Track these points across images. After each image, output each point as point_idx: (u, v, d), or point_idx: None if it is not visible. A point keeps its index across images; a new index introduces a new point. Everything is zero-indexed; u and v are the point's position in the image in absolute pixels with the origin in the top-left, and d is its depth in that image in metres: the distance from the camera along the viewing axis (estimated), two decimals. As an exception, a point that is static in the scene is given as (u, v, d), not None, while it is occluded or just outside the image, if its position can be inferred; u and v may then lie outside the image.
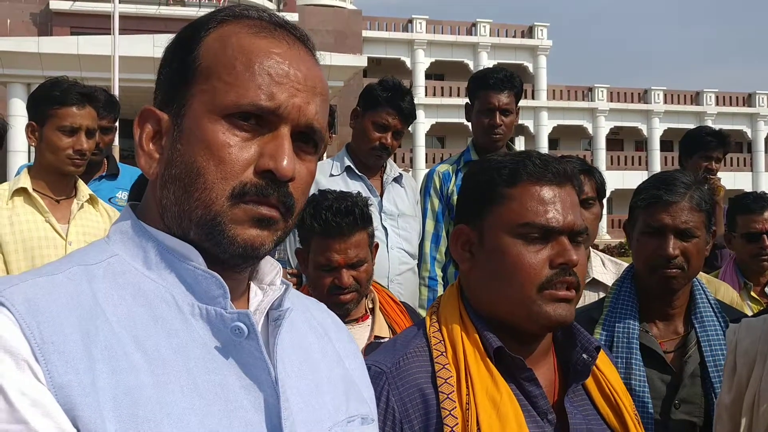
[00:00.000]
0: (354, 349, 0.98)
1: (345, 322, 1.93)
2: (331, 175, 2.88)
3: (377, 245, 2.06)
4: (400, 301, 2.21)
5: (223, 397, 0.74)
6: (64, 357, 0.68)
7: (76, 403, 0.67)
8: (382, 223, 2.87)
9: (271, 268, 0.87)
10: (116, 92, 13.24)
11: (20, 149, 20.56)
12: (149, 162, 0.80)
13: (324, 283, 1.92)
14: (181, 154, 0.77)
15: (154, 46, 18.21)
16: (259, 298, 0.85)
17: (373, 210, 2.82)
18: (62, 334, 0.69)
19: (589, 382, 1.23)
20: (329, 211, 1.88)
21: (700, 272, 2.78)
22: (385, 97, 2.83)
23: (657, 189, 1.74)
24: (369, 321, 2.03)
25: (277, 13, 0.85)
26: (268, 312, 0.84)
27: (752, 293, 3.02)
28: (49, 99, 2.43)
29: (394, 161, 3.12)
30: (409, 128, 3.08)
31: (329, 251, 1.89)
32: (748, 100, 40.16)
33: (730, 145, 3.90)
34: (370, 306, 2.06)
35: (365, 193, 2.85)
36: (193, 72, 0.79)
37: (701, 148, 3.73)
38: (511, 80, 3.03)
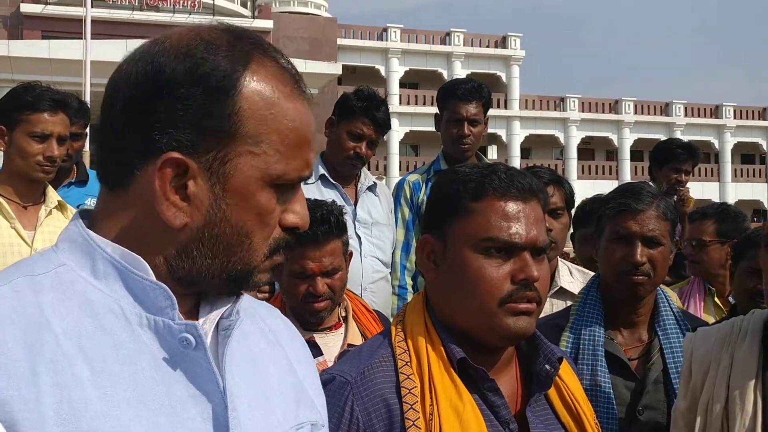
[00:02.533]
0: (306, 355, 0.99)
1: (318, 330, 1.97)
2: (305, 183, 2.88)
3: (351, 253, 2.07)
4: (373, 309, 2.22)
5: (170, 408, 0.74)
6: (6, 372, 0.68)
7: (17, 419, 0.66)
8: (355, 232, 2.87)
9: None
10: (87, 97, 13.08)
11: (-13, 154, 20.19)
12: (175, 212, 0.76)
13: (298, 291, 1.91)
14: (227, 215, 0.78)
15: (127, 51, 17.99)
16: (209, 308, 0.85)
17: (347, 218, 2.84)
18: (4, 348, 0.69)
19: (552, 392, 1.24)
20: None
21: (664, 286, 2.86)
22: (360, 107, 2.83)
23: (625, 198, 1.78)
24: (342, 329, 2.03)
25: (269, 42, 0.85)
26: (218, 321, 0.84)
27: (716, 300, 3.10)
28: (21, 104, 2.39)
29: (368, 169, 3.14)
30: (384, 136, 3.10)
31: (304, 259, 1.89)
32: (716, 111, 40.99)
33: (699, 158, 3.99)
34: (343, 314, 2.06)
35: (339, 201, 2.86)
36: (236, 128, 0.76)
37: (671, 160, 3.81)
38: (480, 91, 3.05)
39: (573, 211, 2.62)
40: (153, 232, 0.78)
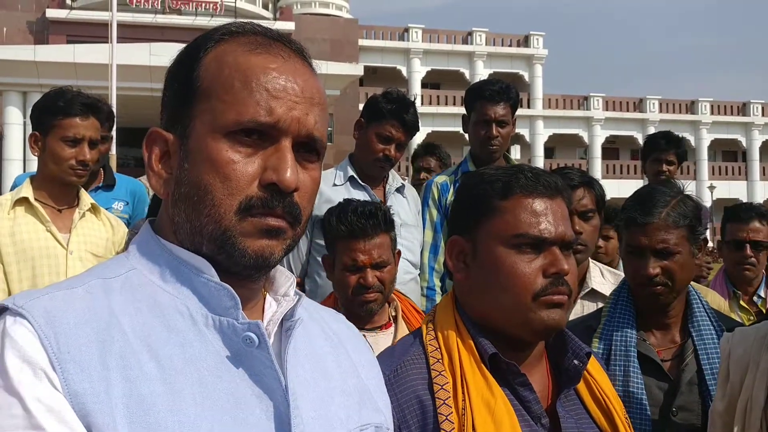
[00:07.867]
0: (371, 359, 1.00)
1: (369, 330, 2.02)
2: (334, 184, 2.90)
3: (399, 252, 2.13)
4: (422, 310, 2.26)
5: (234, 405, 0.76)
6: (80, 366, 0.71)
7: (89, 410, 0.70)
8: None
9: (285, 280, 0.91)
10: (113, 101, 13.25)
11: (15, 158, 20.53)
12: (159, 182, 0.84)
13: (349, 283, 2.00)
14: (188, 174, 0.81)
15: (150, 54, 18.26)
16: (273, 309, 0.88)
17: None
18: (78, 344, 0.72)
19: (581, 387, 1.26)
20: (354, 214, 1.99)
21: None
22: (389, 109, 2.84)
23: (632, 211, 1.75)
24: (392, 329, 2.10)
25: (272, 28, 0.87)
26: (282, 322, 0.86)
27: (741, 302, 3.04)
28: (53, 109, 2.44)
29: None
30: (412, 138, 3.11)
31: (354, 251, 1.99)
32: (743, 109, 40.39)
33: (683, 147, 3.86)
34: (393, 314, 2.13)
35: None
36: (194, 93, 0.82)
37: (654, 150, 3.75)
38: (507, 92, 3.04)
39: None
40: (165, 212, 0.85)
